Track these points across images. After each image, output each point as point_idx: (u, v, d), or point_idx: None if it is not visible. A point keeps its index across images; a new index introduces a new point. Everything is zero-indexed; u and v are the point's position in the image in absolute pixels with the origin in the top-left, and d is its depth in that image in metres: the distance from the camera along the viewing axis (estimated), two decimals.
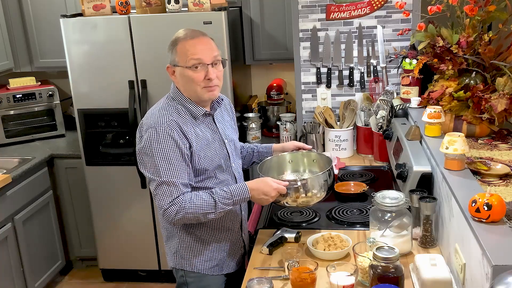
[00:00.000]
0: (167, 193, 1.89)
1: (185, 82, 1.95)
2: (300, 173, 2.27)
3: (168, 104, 1.99)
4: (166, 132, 1.89)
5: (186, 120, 1.96)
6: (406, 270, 1.78)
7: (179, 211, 1.88)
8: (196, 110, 1.99)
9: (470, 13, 2.17)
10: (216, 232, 2.08)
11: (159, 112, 1.96)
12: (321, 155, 2.30)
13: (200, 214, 1.91)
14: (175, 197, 1.89)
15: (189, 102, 1.98)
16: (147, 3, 3.21)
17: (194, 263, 2.08)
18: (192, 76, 1.92)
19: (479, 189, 1.69)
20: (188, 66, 1.91)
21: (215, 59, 1.95)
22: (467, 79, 2.29)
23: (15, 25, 3.71)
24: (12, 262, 3.17)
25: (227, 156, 2.08)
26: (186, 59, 1.92)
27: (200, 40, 1.95)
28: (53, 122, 3.87)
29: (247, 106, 3.71)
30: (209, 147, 2.00)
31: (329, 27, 3.10)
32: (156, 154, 1.90)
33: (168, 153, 1.89)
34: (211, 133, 2.04)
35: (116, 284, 3.75)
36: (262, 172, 2.13)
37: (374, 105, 2.96)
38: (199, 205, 1.89)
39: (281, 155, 2.28)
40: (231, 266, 2.15)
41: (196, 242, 2.06)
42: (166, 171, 1.89)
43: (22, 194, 3.27)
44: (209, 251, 2.08)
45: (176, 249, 2.09)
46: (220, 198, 1.92)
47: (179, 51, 1.93)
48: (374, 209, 1.97)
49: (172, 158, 1.89)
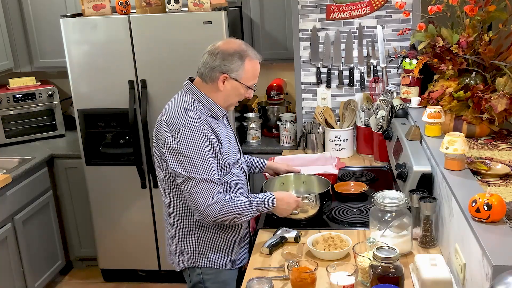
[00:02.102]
0: (208, 190, 1.95)
1: (232, 94, 2.06)
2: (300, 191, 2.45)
3: (191, 104, 2.03)
4: (201, 130, 1.95)
5: (209, 119, 2.03)
6: (406, 270, 1.78)
7: (223, 208, 1.95)
8: (217, 111, 2.07)
9: (470, 13, 2.17)
10: (232, 228, 2.13)
11: (187, 111, 1.99)
12: (309, 176, 2.46)
13: (238, 214, 2.00)
14: (216, 194, 1.95)
15: (211, 103, 2.05)
16: (147, 3, 3.21)
17: (214, 259, 2.12)
18: (243, 93, 2.06)
19: (479, 189, 1.69)
20: (248, 85, 2.04)
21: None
22: (467, 79, 2.29)
23: (15, 25, 3.71)
24: (12, 262, 3.17)
25: (239, 154, 2.22)
26: (250, 79, 2.04)
27: (259, 63, 2.08)
28: (53, 122, 3.87)
29: (247, 106, 3.70)
30: (229, 144, 2.11)
31: (329, 27, 3.10)
32: (194, 152, 1.94)
33: (204, 151, 1.95)
34: (229, 132, 2.16)
35: (116, 284, 3.74)
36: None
37: (374, 105, 2.96)
38: (240, 205, 2.00)
39: (280, 178, 2.45)
40: (242, 260, 2.20)
41: (214, 238, 2.12)
42: (204, 169, 1.95)
43: (22, 194, 3.27)
44: (226, 245, 2.13)
45: (195, 247, 2.11)
46: (255, 202, 2.03)
47: (247, 68, 2.01)
48: (374, 209, 1.97)
49: (208, 156, 1.96)
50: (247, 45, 2.05)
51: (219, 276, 2.14)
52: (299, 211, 2.19)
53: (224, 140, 2.06)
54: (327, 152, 2.93)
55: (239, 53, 1.98)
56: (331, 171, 2.58)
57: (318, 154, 2.88)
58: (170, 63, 3.20)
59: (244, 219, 2.04)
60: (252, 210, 2.02)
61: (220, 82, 2.01)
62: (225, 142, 2.06)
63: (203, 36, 3.10)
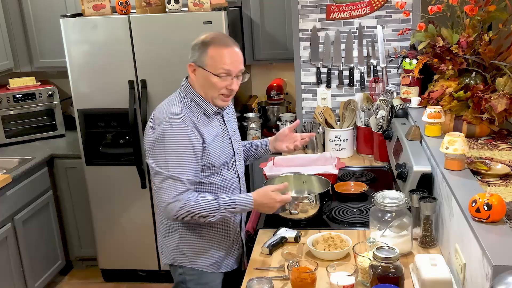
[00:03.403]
0: (173, 187, 1.91)
1: (205, 84, 1.99)
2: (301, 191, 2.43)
3: (180, 100, 2.02)
4: (180, 126, 1.93)
5: (198, 116, 2.00)
6: (406, 270, 1.78)
7: (182, 207, 1.91)
8: (208, 108, 2.03)
9: (470, 13, 2.17)
10: (217, 230, 2.11)
11: (173, 107, 1.99)
12: (309, 176, 2.44)
13: (201, 215, 1.94)
14: (180, 193, 1.91)
15: (202, 100, 2.02)
16: (147, 3, 3.21)
17: (194, 259, 2.10)
18: (216, 83, 1.97)
19: (479, 189, 1.69)
20: (216, 74, 1.95)
21: (240, 72, 2.00)
22: (467, 79, 2.29)
23: (15, 25, 3.71)
24: (12, 262, 3.17)
25: (233, 154, 2.14)
26: (215, 66, 1.94)
27: (233, 50, 1.97)
28: (53, 122, 3.87)
29: (247, 106, 3.71)
30: (218, 144, 2.05)
31: (329, 27, 3.10)
32: (168, 147, 1.93)
33: (180, 147, 1.93)
34: (221, 131, 2.09)
35: (116, 284, 3.75)
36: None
37: (374, 105, 2.96)
38: (203, 206, 1.92)
39: (280, 178, 2.42)
40: (229, 264, 2.18)
41: (197, 239, 2.09)
42: (175, 166, 1.92)
43: (22, 194, 3.27)
44: (210, 248, 2.11)
45: (176, 245, 2.11)
46: (225, 204, 1.95)
47: (210, 55, 1.94)
48: (374, 209, 1.97)
49: (184, 153, 1.93)
50: (220, 35, 2.01)
51: (202, 278, 2.12)
52: (299, 211, 2.18)
53: (212, 140, 2.02)
54: (327, 152, 2.93)
55: (203, 41, 1.96)
56: (331, 171, 2.58)
57: (318, 154, 2.88)
58: (170, 63, 3.19)
59: (211, 220, 1.96)
60: (219, 212, 1.94)
61: (191, 72, 2.01)
62: (212, 142, 2.02)
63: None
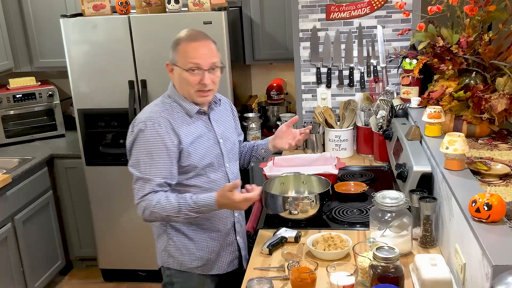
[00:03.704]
0: (141, 188, 1.93)
1: (181, 82, 1.99)
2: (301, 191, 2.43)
3: (162, 101, 2.03)
4: (154, 128, 1.93)
5: (179, 117, 1.99)
6: (406, 270, 1.78)
7: (146, 208, 1.92)
8: (190, 108, 2.02)
9: (470, 13, 2.17)
10: (206, 232, 2.09)
11: (152, 108, 2.01)
12: (309, 176, 2.43)
13: (164, 216, 1.93)
14: (146, 194, 1.92)
15: (183, 100, 2.02)
16: (147, 3, 3.21)
17: (182, 261, 2.10)
18: (188, 78, 1.95)
19: (479, 189, 1.69)
20: (186, 69, 1.94)
21: (213, 65, 1.96)
22: (467, 79, 2.29)
23: (15, 25, 3.71)
24: (12, 262, 3.17)
25: (220, 156, 2.09)
26: (185, 61, 1.94)
27: (202, 43, 1.96)
28: (53, 122, 3.87)
29: (247, 106, 3.71)
30: (200, 145, 2.02)
31: (329, 27, 3.10)
32: (141, 148, 1.93)
33: (152, 149, 1.92)
34: (205, 132, 2.05)
35: (116, 284, 3.75)
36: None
37: (374, 105, 2.96)
38: (164, 207, 1.90)
39: (280, 178, 2.41)
40: (222, 267, 2.16)
41: (185, 241, 2.08)
42: (146, 167, 1.92)
43: (22, 194, 3.27)
44: (198, 250, 2.09)
45: (164, 246, 2.11)
46: (185, 204, 1.90)
47: (180, 51, 1.96)
48: (374, 209, 1.97)
49: (155, 155, 1.92)
50: (192, 31, 1.99)
51: (189, 281, 2.11)
52: (299, 211, 2.18)
53: (192, 141, 1.99)
54: (327, 152, 2.93)
55: (176, 40, 1.98)
56: (331, 171, 2.58)
57: (318, 154, 2.88)
58: None
59: (176, 220, 1.96)
60: (181, 212, 1.90)
61: (169, 71, 2.02)
62: (193, 143, 1.99)
63: None
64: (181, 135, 1.96)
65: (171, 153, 1.94)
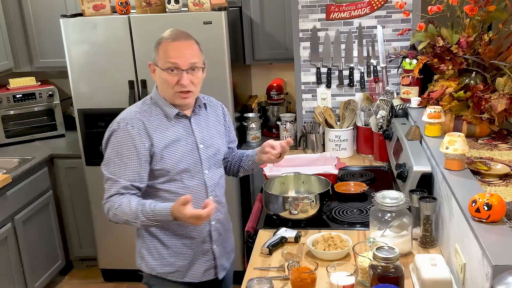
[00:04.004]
0: (109, 189, 1.91)
1: (161, 83, 1.96)
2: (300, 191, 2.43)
3: (143, 102, 2.01)
4: (126, 129, 1.91)
5: (156, 119, 1.95)
6: (406, 270, 1.78)
7: (109, 210, 1.91)
8: (168, 111, 1.97)
9: (470, 13, 2.17)
10: (179, 239, 2.03)
11: (130, 109, 1.99)
12: (309, 176, 2.43)
13: (124, 220, 1.90)
14: (112, 195, 1.90)
15: (164, 103, 1.97)
16: (147, 3, 3.21)
17: (153, 265, 2.06)
18: (167, 78, 1.91)
19: (479, 189, 1.69)
20: (164, 69, 1.91)
21: (192, 65, 1.91)
22: (467, 79, 2.29)
23: (15, 25, 3.71)
24: (12, 262, 3.17)
25: (198, 162, 2.00)
26: (164, 61, 1.91)
27: (182, 43, 1.92)
28: (53, 122, 3.87)
29: (247, 106, 3.70)
30: (176, 149, 1.96)
31: (329, 27, 3.10)
32: (111, 150, 1.92)
33: (122, 150, 1.90)
34: (184, 136, 1.99)
35: (116, 284, 3.75)
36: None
37: (374, 105, 2.96)
38: (124, 211, 1.87)
39: (280, 178, 2.41)
40: (196, 275, 2.08)
41: (157, 245, 2.04)
42: (115, 168, 1.90)
43: (22, 194, 3.27)
44: (170, 256, 2.04)
45: (139, 249, 2.09)
46: (144, 212, 1.85)
47: (160, 51, 1.93)
48: (374, 209, 1.97)
49: (125, 156, 1.90)
50: (174, 31, 1.96)
51: (164, 285, 2.07)
52: (299, 211, 2.18)
53: (167, 145, 1.93)
54: (327, 152, 2.93)
55: (157, 40, 1.96)
56: (331, 171, 2.58)
57: (318, 154, 2.88)
58: None
59: (136, 225, 1.92)
60: (139, 219, 1.86)
61: (152, 72, 1.99)
62: (168, 147, 1.93)
63: (203, 36, 3.07)
64: (155, 138, 1.92)
65: (141, 155, 1.90)
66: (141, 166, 1.91)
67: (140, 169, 1.91)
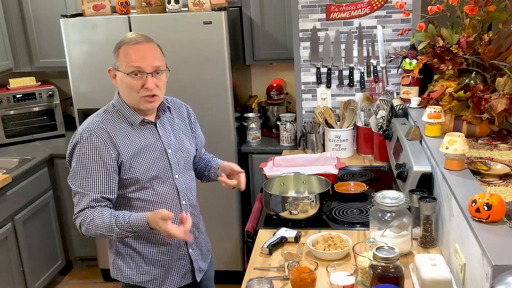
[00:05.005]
0: (78, 203, 1.85)
1: (125, 88, 1.89)
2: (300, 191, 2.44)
3: (104, 111, 1.94)
4: (90, 141, 1.84)
5: (120, 128, 1.89)
6: (406, 270, 1.78)
7: (82, 224, 1.84)
8: (132, 118, 1.91)
9: (470, 13, 2.17)
10: (154, 246, 1.99)
11: (91, 119, 1.92)
12: (309, 176, 2.43)
13: (99, 233, 1.83)
14: (82, 209, 1.84)
15: (127, 109, 1.91)
16: (147, 3, 3.21)
17: (130, 275, 2.02)
18: (131, 83, 1.85)
19: (479, 189, 1.69)
20: (127, 73, 1.85)
21: (156, 69, 1.86)
22: (467, 79, 2.29)
23: (15, 25, 3.71)
24: (12, 262, 3.17)
25: (168, 167, 1.96)
26: (126, 65, 1.85)
27: (144, 46, 1.86)
28: (53, 122, 3.87)
29: (247, 106, 3.71)
30: (144, 157, 1.90)
31: (329, 27, 3.10)
32: (77, 163, 1.85)
33: (88, 163, 1.83)
34: (151, 142, 1.94)
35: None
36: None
37: (374, 105, 2.96)
38: (97, 224, 1.81)
39: (280, 178, 2.41)
40: (175, 281, 2.05)
41: (132, 254, 1.99)
42: (81, 182, 1.84)
43: (22, 194, 3.27)
44: (146, 264, 2.00)
45: (113, 259, 2.04)
46: (118, 224, 1.80)
47: (121, 55, 1.87)
48: (374, 209, 1.97)
49: (91, 169, 1.83)
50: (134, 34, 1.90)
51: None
52: (299, 211, 2.18)
53: (135, 153, 1.88)
54: (327, 152, 2.93)
55: (117, 44, 1.89)
56: (331, 171, 2.58)
57: (318, 154, 2.88)
58: (170, 63, 3.16)
59: (111, 238, 1.86)
60: (114, 232, 1.80)
61: (112, 78, 1.93)
62: (136, 155, 1.88)
63: (203, 36, 3.10)
64: (121, 147, 1.86)
65: (109, 167, 1.83)
66: (110, 177, 1.85)
67: (109, 180, 1.85)
